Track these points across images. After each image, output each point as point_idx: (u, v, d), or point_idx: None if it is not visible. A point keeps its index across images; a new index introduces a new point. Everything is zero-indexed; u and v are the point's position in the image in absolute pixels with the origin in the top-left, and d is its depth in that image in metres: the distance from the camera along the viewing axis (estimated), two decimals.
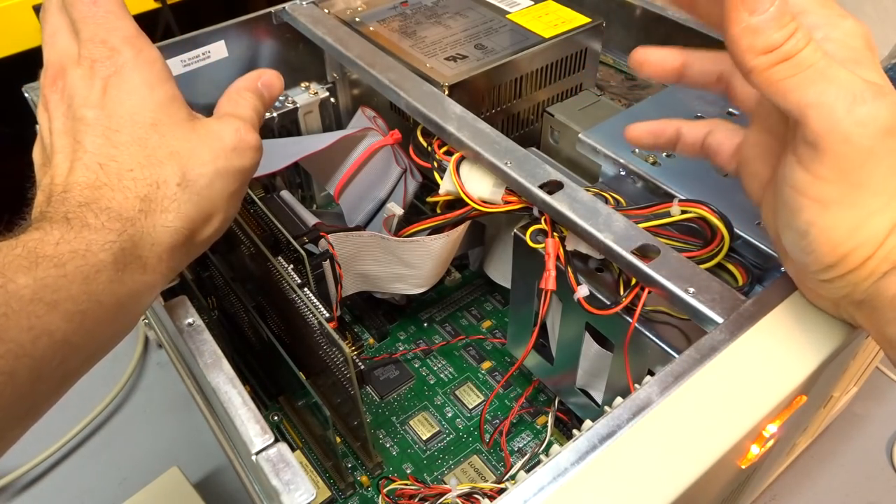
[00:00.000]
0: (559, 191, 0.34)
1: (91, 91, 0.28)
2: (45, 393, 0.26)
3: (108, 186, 0.26)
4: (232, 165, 0.29)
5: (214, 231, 0.30)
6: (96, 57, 0.28)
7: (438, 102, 0.40)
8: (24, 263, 0.23)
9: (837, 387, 0.41)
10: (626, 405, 0.25)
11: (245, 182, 0.31)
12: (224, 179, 0.29)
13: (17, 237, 0.24)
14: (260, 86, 0.34)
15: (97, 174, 0.27)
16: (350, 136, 0.48)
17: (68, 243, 0.24)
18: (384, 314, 0.54)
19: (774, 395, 0.26)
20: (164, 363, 0.56)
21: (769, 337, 0.27)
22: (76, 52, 0.29)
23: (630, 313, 0.32)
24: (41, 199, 0.27)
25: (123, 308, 0.26)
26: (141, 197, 0.27)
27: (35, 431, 0.54)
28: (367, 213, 0.49)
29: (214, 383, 0.29)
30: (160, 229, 0.27)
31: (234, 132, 0.30)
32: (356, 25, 0.49)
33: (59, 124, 0.28)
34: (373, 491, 0.43)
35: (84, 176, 0.27)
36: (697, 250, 0.33)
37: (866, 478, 0.50)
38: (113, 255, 0.25)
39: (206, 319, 0.31)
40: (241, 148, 0.30)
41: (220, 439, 0.37)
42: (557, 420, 0.45)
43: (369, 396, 0.48)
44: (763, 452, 0.28)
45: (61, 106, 0.29)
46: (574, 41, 0.47)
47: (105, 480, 0.49)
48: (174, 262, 0.28)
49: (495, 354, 0.51)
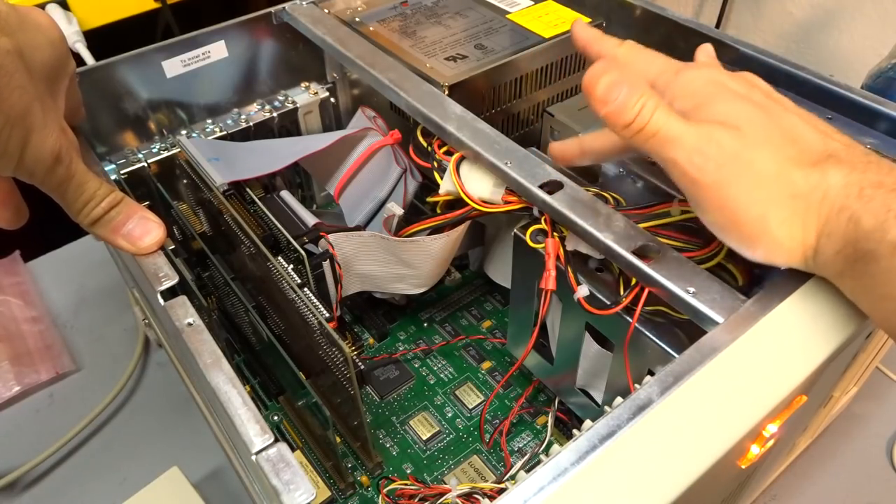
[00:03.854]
0: (559, 191, 0.34)
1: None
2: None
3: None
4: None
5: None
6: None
7: (438, 102, 0.40)
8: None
9: (837, 387, 0.41)
10: (626, 405, 0.25)
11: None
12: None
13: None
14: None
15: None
16: (350, 136, 0.48)
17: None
18: (384, 314, 0.54)
19: (774, 395, 0.26)
20: (164, 363, 0.56)
21: (769, 337, 0.28)
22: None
23: (630, 313, 0.32)
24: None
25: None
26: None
27: (35, 431, 0.54)
28: (367, 213, 0.49)
29: (214, 383, 0.29)
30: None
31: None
32: (356, 25, 0.49)
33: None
34: (373, 491, 0.43)
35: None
36: (697, 250, 0.33)
37: (866, 478, 0.50)
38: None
39: (206, 319, 0.31)
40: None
41: (220, 439, 0.37)
42: (557, 420, 0.45)
43: (369, 396, 0.48)
44: (763, 452, 0.28)
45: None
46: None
47: (105, 480, 0.49)
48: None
49: (495, 354, 0.51)
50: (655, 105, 0.28)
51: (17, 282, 0.62)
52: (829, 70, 0.72)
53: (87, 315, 0.60)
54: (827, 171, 0.27)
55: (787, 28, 0.96)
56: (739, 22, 1.01)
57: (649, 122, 0.28)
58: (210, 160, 0.44)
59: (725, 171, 0.27)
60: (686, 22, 0.48)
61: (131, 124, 0.48)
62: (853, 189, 0.26)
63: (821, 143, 0.28)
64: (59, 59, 0.33)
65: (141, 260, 0.34)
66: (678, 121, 0.28)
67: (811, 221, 0.27)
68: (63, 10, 0.67)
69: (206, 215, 0.47)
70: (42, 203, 0.35)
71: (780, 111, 0.29)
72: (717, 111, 0.29)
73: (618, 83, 0.29)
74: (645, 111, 0.28)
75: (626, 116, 0.28)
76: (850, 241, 0.26)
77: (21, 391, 0.54)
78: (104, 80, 0.45)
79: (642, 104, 0.28)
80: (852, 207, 0.26)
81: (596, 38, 0.36)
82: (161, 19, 0.75)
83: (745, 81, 0.31)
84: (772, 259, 0.28)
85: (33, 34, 0.31)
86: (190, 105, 0.50)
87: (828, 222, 0.27)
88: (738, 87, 0.30)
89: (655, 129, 0.28)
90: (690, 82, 0.30)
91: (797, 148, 0.28)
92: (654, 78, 0.32)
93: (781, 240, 0.28)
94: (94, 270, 0.64)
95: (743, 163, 0.27)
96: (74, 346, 0.58)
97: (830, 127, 0.30)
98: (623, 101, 0.28)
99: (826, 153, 0.28)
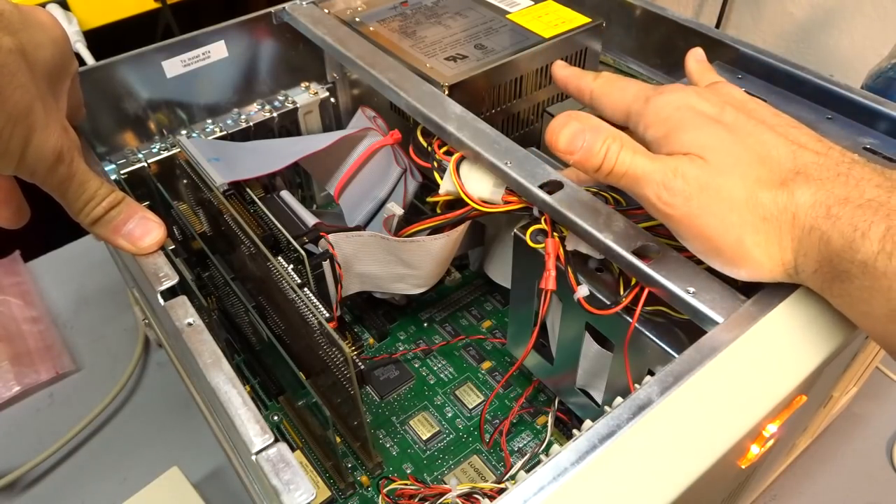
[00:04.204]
0: (559, 191, 0.34)
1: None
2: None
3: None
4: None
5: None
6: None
7: (438, 102, 0.40)
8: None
9: (837, 387, 0.41)
10: (626, 405, 0.25)
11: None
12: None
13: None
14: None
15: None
16: (350, 136, 0.48)
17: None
18: (384, 314, 0.54)
19: (774, 395, 0.26)
20: (164, 363, 0.56)
21: (769, 337, 0.28)
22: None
23: (630, 313, 0.32)
24: None
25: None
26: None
27: (35, 431, 0.54)
28: (367, 213, 0.49)
29: (214, 383, 0.29)
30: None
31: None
32: (356, 25, 0.49)
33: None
34: (373, 491, 0.43)
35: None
36: None
37: (866, 478, 0.50)
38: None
39: (206, 319, 0.31)
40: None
41: (220, 439, 0.37)
42: (557, 420, 0.45)
43: (369, 396, 0.48)
44: (763, 452, 0.28)
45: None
46: (574, 41, 0.47)
47: (105, 480, 0.49)
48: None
49: (495, 354, 0.51)
50: (620, 146, 0.29)
51: (17, 282, 0.62)
52: (829, 70, 0.72)
53: (87, 315, 0.60)
54: (795, 191, 0.27)
55: (787, 28, 0.96)
56: (739, 22, 1.01)
57: (616, 163, 0.29)
58: (210, 160, 0.44)
59: (694, 202, 0.28)
60: (686, 22, 0.48)
61: (131, 124, 0.48)
62: (820, 209, 0.26)
63: (789, 160, 0.28)
64: (62, 58, 0.33)
65: (141, 260, 0.34)
66: (643, 158, 0.29)
67: (786, 242, 0.27)
68: (63, 10, 0.67)
69: (206, 215, 0.47)
70: (42, 203, 0.35)
71: (751, 128, 0.29)
72: (683, 141, 0.29)
73: (579, 132, 0.30)
74: (610, 154, 0.29)
75: (593, 161, 0.29)
76: (825, 261, 0.26)
77: (21, 391, 0.54)
78: (104, 80, 0.45)
79: (606, 147, 0.29)
80: (821, 228, 0.26)
81: (573, 75, 0.37)
82: (161, 19, 0.75)
83: (716, 99, 0.31)
84: (756, 278, 0.29)
85: (36, 33, 0.31)
86: (190, 105, 0.50)
87: (801, 242, 0.27)
88: (707, 109, 0.30)
89: (623, 170, 0.29)
90: (661, 110, 0.31)
91: (765, 168, 0.28)
92: (629, 106, 0.33)
93: (761, 261, 0.28)
94: (94, 270, 0.64)
95: (711, 192, 0.28)
96: (74, 346, 0.58)
97: (805, 132, 0.29)
98: (588, 147, 0.29)
99: (794, 170, 0.27)
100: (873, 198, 0.25)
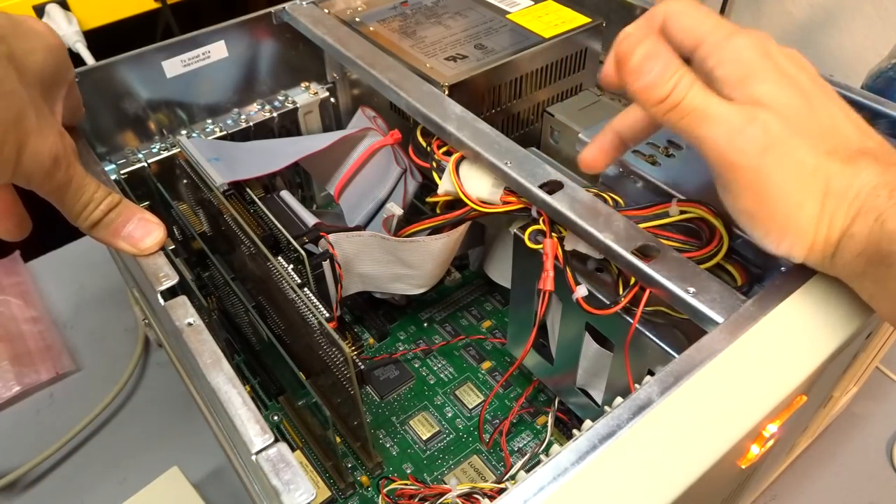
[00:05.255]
0: (559, 191, 0.34)
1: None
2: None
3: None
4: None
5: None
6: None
7: (438, 102, 0.40)
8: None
9: (837, 387, 0.41)
10: (626, 405, 0.25)
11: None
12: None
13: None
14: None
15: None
16: (350, 136, 0.48)
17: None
18: (384, 314, 0.54)
19: (774, 395, 0.26)
20: (164, 363, 0.56)
21: (769, 337, 0.27)
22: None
23: (629, 313, 0.32)
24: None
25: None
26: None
27: (35, 431, 0.54)
28: (367, 213, 0.49)
29: (214, 383, 0.28)
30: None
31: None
32: (356, 25, 0.49)
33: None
34: (373, 491, 0.43)
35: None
36: (697, 250, 0.33)
37: (866, 478, 0.50)
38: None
39: (206, 319, 0.31)
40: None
41: (220, 439, 0.37)
42: (557, 420, 0.45)
43: (369, 396, 0.48)
44: (763, 452, 0.28)
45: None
46: (574, 41, 0.47)
47: (105, 480, 0.49)
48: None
49: (495, 354, 0.51)
50: (691, 81, 0.27)
51: (17, 282, 0.62)
52: (829, 70, 0.72)
53: (87, 315, 0.60)
54: (860, 169, 0.26)
55: (787, 28, 0.96)
56: (739, 22, 1.01)
57: (686, 97, 0.27)
58: (210, 160, 0.44)
59: (769, 156, 0.26)
60: None
61: (131, 124, 0.48)
62: (884, 190, 0.26)
63: (857, 139, 0.27)
64: (57, 65, 0.33)
65: (141, 260, 0.34)
66: (717, 99, 0.27)
67: (838, 220, 0.27)
68: (63, 10, 0.67)
69: (206, 215, 0.47)
70: (42, 203, 0.35)
71: (824, 100, 0.28)
72: (761, 90, 0.27)
73: (653, 55, 0.27)
74: (680, 87, 0.27)
75: (660, 92, 0.27)
76: (874, 243, 0.26)
77: (21, 391, 0.54)
78: (104, 80, 0.45)
79: (677, 79, 0.27)
80: (881, 208, 0.26)
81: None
82: (161, 19, 0.75)
83: (795, 61, 0.29)
84: (792, 252, 0.28)
85: (27, 40, 0.31)
86: (190, 105, 0.50)
87: (854, 222, 0.26)
88: (787, 66, 0.28)
89: (691, 107, 0.27)
90: (741, 50, 0.28)
91: (834, 141, 0.27)
92: (705, 34, 0.29)
93: (807, 234, 0.27)
94: (94, 270, 0.64)
95: (786, 150, 0.26)
96: (74, 346, 0.58)
97: (867, 124, 0.29)
98: (659, 73, 0.27)
99: (862, 150, 0.27)
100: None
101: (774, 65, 0.28)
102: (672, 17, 0.31)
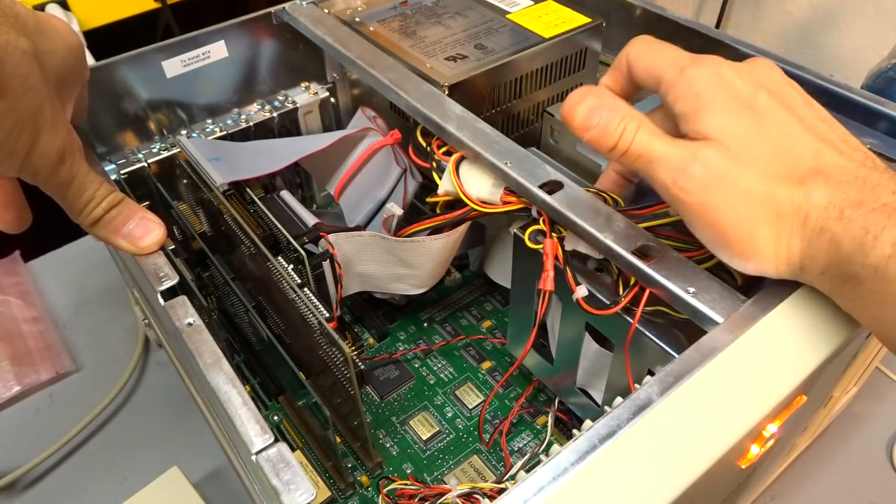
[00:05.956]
0: (559, 191, 0.34)
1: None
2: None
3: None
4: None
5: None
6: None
7: (438, 102, 0.40)
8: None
9: (837, 387, 0.41)
10: (626, 405, 0.25)
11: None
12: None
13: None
14: None
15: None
16: (350, 136, 0.48)
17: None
18: (384, 314, 0.54)
19: (774, 395, 0.26)
20: (164, 363, 0.56)
21: (769, 337, 0.28)
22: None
23: (629, 313, 0.32)
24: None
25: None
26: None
27: (35, 431, 0.54)
28: (367, 213, 0.49)
29: (214, 383, 0.29)
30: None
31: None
32: (356, 25, 0.49)
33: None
34: (373, 491, 0.43)
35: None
36: (697, 250, 0.33)
37: (866, 478, 0.50)
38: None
39: (206, 319, 0.31)
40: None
41: (220, 439, 0.37)
42: (557, 420, 0.45)
43: (369, 396, 0.48)
44: (763, 452, 0.28)
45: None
46: (574, 41, 0.47)
47: (105, 480, 0.49)
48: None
49: (495, 354, 0.51)
50: (637, 126, 0.29)
51: (17, 282, 0.62)
52: (829, 70, 0.72)
53: (87, 315, 0.60)
54: (811, 191, 0.26)
55: (787, 28, 0.96)
56: (739, 22, 1.01)
57: (632, 143, 0.29)
58: (210, 160, 0.44)
59: (711, 191, 0.27)
60: (686, 22, 0.48)
61: (131, 124, 0.48)
62: (834, 210, 0.26)
63: (812, 158, 0.27)
64: (75, 66, 0.33)
65: (141, 260, 0.34)
66: (662, 140, 0.28)
67: (795, 242, 0.27)
68: (63, 10, 0.67)
69: (206, 215, 0.47)
70: (42, 203, 0.35)
71: (780, 118, 0.28)
72: (709, 124, 0.28)
73: (596, 108, 0.29)
74: (626, 133, 0.29)
75: (609, 140, 0.29)
76: (833, 264, 0.26)
77: (21, 391, 0.54)
78: (104, 80, 0.45)
79: (623, 126, 0.29)
80: (832, 230, 0.26)
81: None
82: (161, 19, 0.75)
83: (753, 79, 0.29)
84: (762, 273, 0.29)
85: (50, 38, 0.31)
86: (190, 105, 0.50)
87: (809, 245, 0.27)
88: (741, 89, 0.29)
89: (639, 151, 0.29)
90: (694, 83, 0.29)
91: (786, 164, 0.27)
92: (663, 71, 0.31)
93: (769, 257, 0.28)
94: (94, 270, 0.64)
95: (729, 182, 0.27)
96: (74, 346, 0.58)
97: (834, 128, 0.29)
98: (604, 125, 0.29)
99: (815, 169, 0.27)
100: (888, 202, 0.25)
101: (727, 93, 0.29)
102: (633, 60, 0.32)
